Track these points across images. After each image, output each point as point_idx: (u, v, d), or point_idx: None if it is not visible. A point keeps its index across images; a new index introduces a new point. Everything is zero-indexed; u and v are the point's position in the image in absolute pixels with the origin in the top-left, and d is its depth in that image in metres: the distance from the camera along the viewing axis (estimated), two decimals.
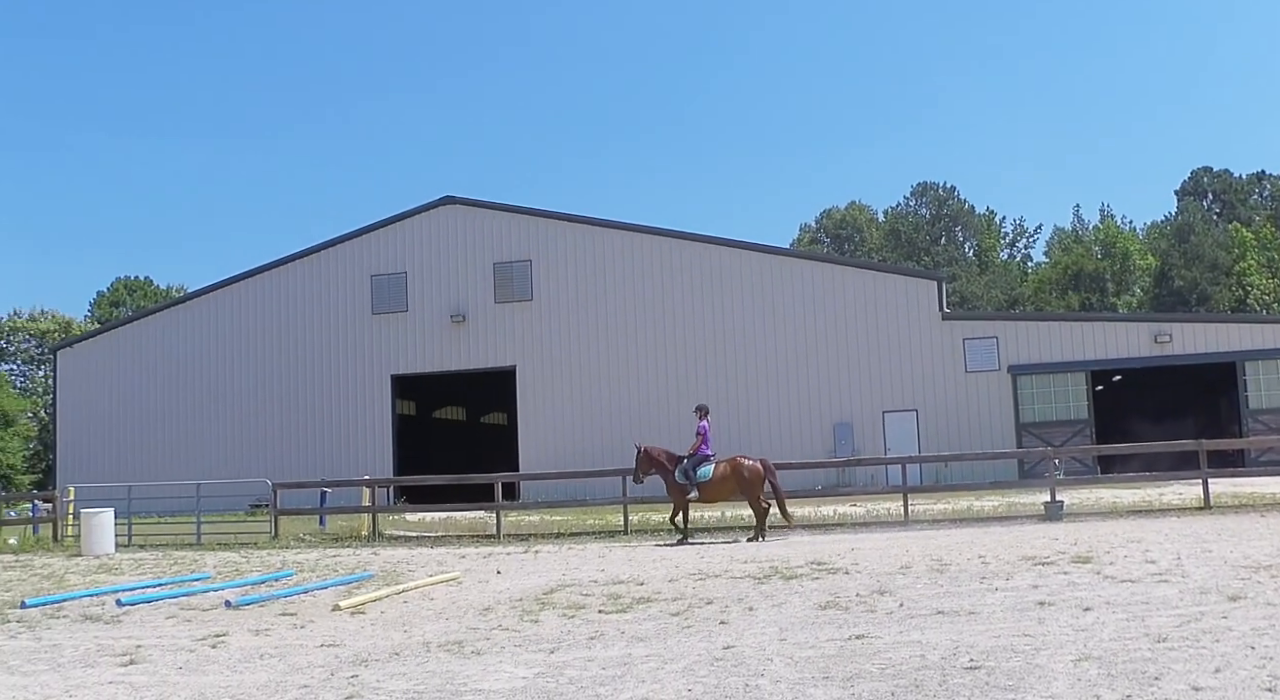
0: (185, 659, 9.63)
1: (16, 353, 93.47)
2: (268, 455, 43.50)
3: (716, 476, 20.46)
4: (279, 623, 11.60)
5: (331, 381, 44.93)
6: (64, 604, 14.05)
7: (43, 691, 8.40)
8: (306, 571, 17.25)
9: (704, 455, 20.80)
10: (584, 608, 11.76)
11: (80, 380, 47.94)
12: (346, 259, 45.57)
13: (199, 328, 46.83)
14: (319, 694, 7.89)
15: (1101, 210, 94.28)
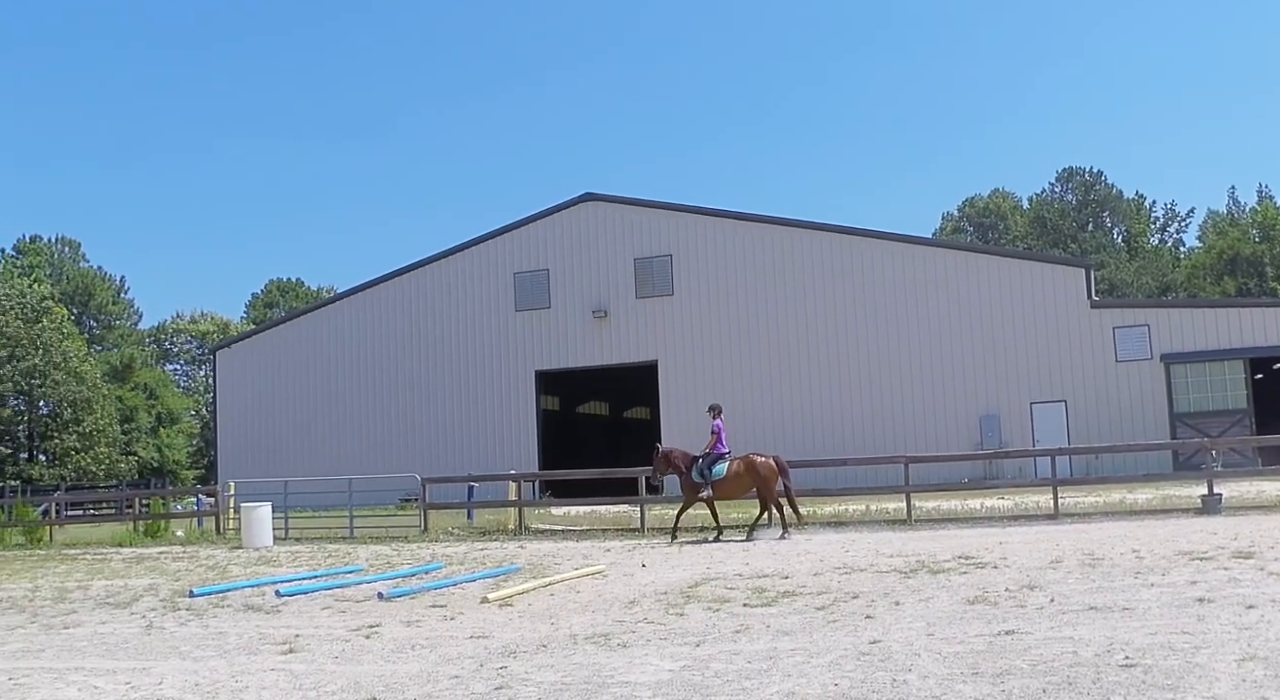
0: (341, 649, 9.90)
1: (179, 353, 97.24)
2: (416, 451, 44.43)
3: (730, 474, 20.74)
4: (429, 614, 11.85)
5: (477, 378, 45.68)
6: (228, 594, 14.56)
7: (211, 676, 8.73)
8: (455, 564, 17.59)
9: (719, 453, 21.07)
10: (728, 601, 11.77)
11: (238, 379, 49.60)
12: (490, 257, 46.26)
13: (348, 327, 48.04)
14: (469, 684, 8.04)
15: (1259, 191, 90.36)
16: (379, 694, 7.84)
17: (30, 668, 9.57)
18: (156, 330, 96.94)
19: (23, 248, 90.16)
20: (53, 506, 35.48)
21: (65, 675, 9.10)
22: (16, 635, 11.70)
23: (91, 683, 8.71)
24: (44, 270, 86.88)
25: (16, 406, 72.30)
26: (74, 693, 8.36)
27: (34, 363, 70.24)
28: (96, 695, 8.23)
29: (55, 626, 12.20)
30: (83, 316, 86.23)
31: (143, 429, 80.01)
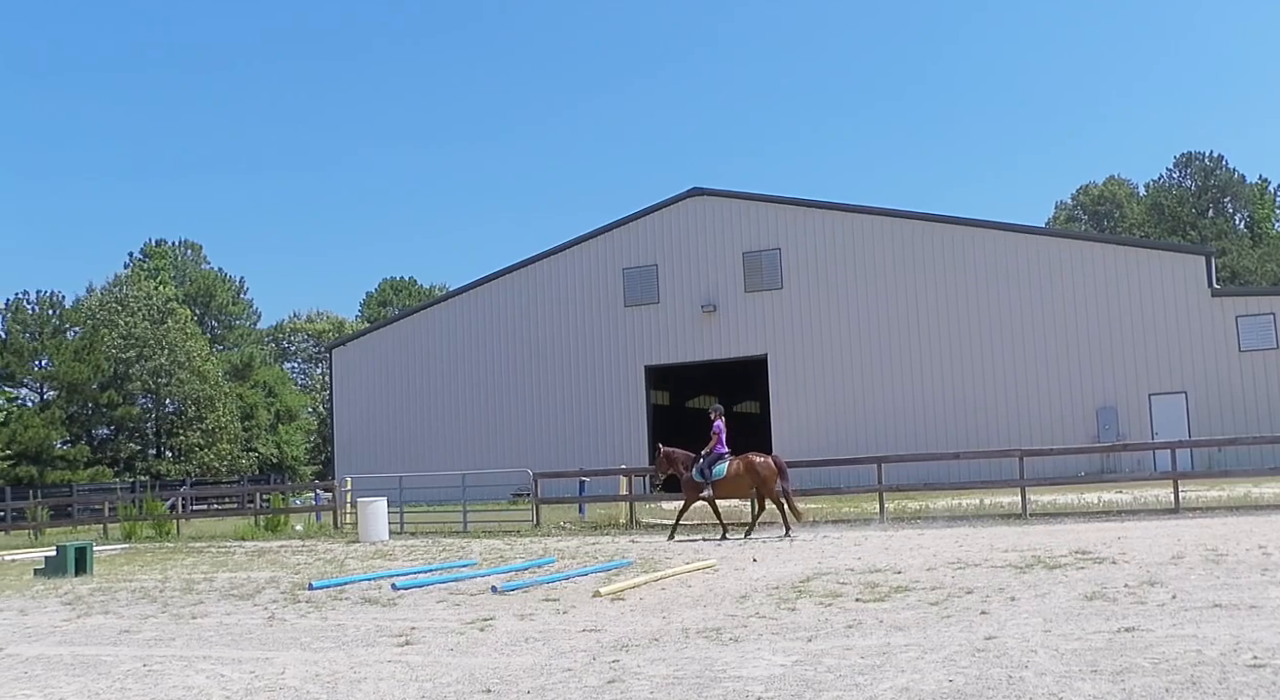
0: (456, 641, 10.05)
1: (296, 352, 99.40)
2: (528, 446, 44.87)
3: (730, 474, 21.01)
4: (542, 608, 11.97)
5: (587, 373, 45.97)
6: (346, 587, 14.86)
7: (330, 667, 8.94)
8: (567, 558, 17.73)
9: (719, 453, 21.34)
10: (841, 596, 11.71)
11: (353, 376, 50.55)
12: (599, 253, 46.51)
13: (460, 324, 48.67)
14: (582, 677, 8.12)
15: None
16: (493, 686, 7.95)
17: (162, 655, 9.89)
18: (275, 330, 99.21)
19: (149, 251, 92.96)
20: (179, 501, 36.61)
21: (194, 663, 9.40)
22: (149, 624, 12.09)
23: (219, 671, 8.98)
24: (169, 273, 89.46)
25: (144, 404, 74.64)
26: (202, 680, 8.62)
27: (160, 362, 72.41)
28: (223, 683, 8.47)
29: (184, 616, 12.58)
30: (205, 317, 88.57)
31: (262, 426, 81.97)
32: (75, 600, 14.88)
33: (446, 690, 7.89)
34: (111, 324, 73.58)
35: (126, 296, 76.41)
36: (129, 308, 74.78)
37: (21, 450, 66.14)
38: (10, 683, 8.94)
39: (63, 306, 75.10)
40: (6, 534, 36.43)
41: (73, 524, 37.04)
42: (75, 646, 10.78)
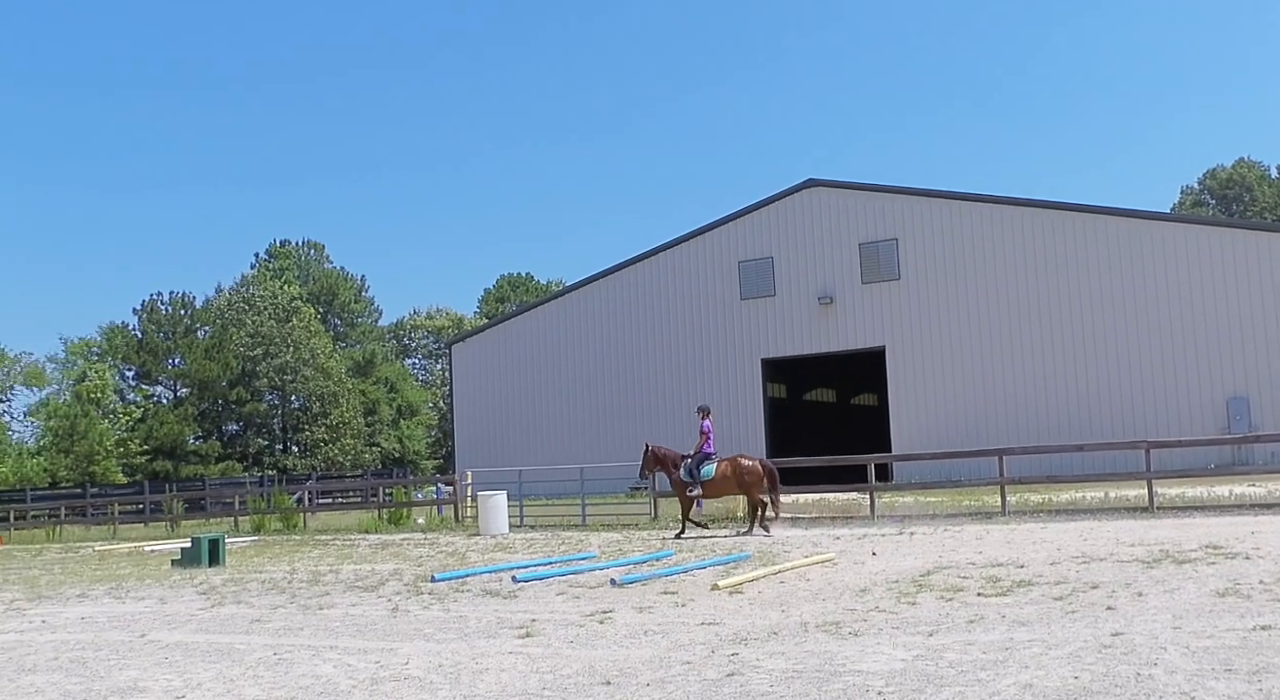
0: (575, 633, 10.14)
1: (417, 348, 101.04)
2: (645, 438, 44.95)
3: (718, 475, 21.29)
4: (661, 601, 12.02)
5: (704, 367, 45.98)
6: (467, 579, 15.07)
7: (454, 658, 9.09)
8: (685, 552, 17.77)
9: (706, 454, 21.55)
10: (962, 590, 11.55)
11: (473, 372, 51.24)
12: (714, 247, 46.46)
13: (577, 319, 49.02)
14: (701, 670, 8.14)
15: None
16: (613, 678, 8.01)
17: (292, 644, 10.16)
18: (395, 327, 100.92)
19: (274, 252, 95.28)
20: (305, 494, 37.44)
21: (322, 652, 9.63)
22: (279, 614, 12.42)
23: (345, 660, 9.19)
24: (293, 272, 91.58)
25: (271, 401, 76.56)
26: (330, 669, 8.84)
27: (286, 359, 74.21)
28: (350, 672, 8.67)
29: (311, 607, 12.90)
30: (328, 315, 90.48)
31: (384, 421, 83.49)
32: (209, 590, 15.34)
33: (567, 682, 7.98)
34: (239, 323, 75.60)
35: (253, 296, 78.44)
36: (256, 307, 76.77)
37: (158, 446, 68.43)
38: (152, 667, 9.27)
39: (194, 307, 77.41)
40: (145, 526, 37.67)
41: (206, 517, 38.15)
42: (210, 634, 11.13)
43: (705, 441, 21.87)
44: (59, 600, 15.29)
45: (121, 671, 9.19)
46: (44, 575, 20.13)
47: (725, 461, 21.52)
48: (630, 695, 7.41)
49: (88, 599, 15.23)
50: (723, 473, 21.29)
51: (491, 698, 7.57)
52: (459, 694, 7.73)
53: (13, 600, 15.58)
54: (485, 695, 7.65)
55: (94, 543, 31.65)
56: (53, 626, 12.49)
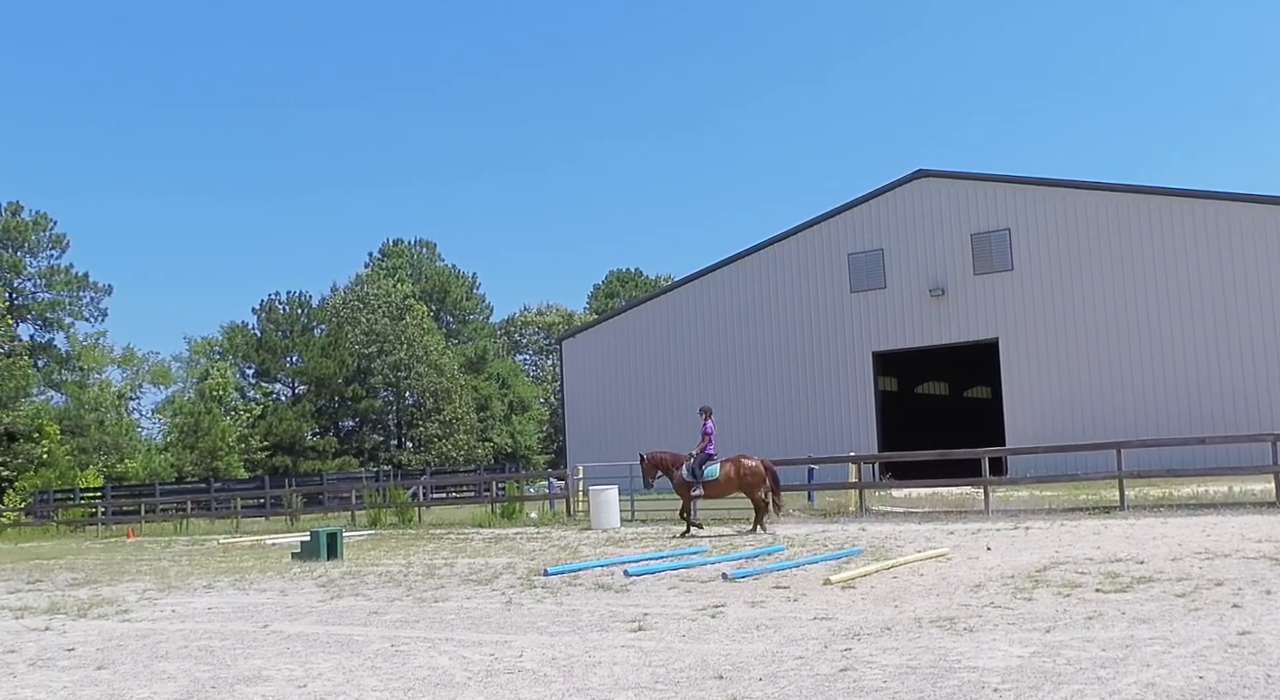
0: (687, 627, 10.16)
1: (528, 344, 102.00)
2: (755, 433, 44.85)
3: (722, 476, 21.59)
4: (773, 595, 11.99)
5: (814, 360, 45.70)
6: (579, 573, 15.18)
7: (566, 651, 9.18)
8: (797, 546, 17.69)
9: (709, 454, 21.84)
10: (1080, 586, 11.34)
11: (583, 367, 51.55)
12: (823, 239, 46.14)
13: (686, 314, 49.04)
14: (814, 665, 8.11)
15: None
16: (725, 672, 8.02)
17: (408, 636, 10.34)
18: (506, 323, 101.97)
19: (387, 251, 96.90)
20: (419, 489, 38.01)
21: (438, 645, 9.79)
22: (395, 607, 12.65)
23: (460, 653, 9.33)
24: (405, 271, 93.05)
25: (386, 398, 77.92)
26: (445, 661, 8.98)
27: (400, 357, 75.45)
28: (465, 664, 8.80)
29: (427, 600, 13.11)
30: (440, 312, 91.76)
31: (496, 417, 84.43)
32: (328, 583, 15.68)
33: (679, 675, 8.00)
34: (354, 321, 77.04)
35: (367, 294, 79.86)
36: (370, 305, 78.15)
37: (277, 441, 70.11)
38: (275, 657, 9.52)
39: (310, 306, 79.11)
40: (266, 519, 38.61)
41: (323, 511, 38.96)
42: (330, 626, 11.37)
43: (708, 442, 22.12)
44: (187, 591, 15.76)
45: (246, 660, 9.45)
46: (173, 567, 20.76)
47: (728, 462, 21.83)
48: (743, 690, 7.41)
49: (213, 590, 15.68)
50: (726, 473, 21.62)
51: (604, 691, 7.63)
52: (572, 687, 7.80)
53: (145, 590, 16.10)
54: (598, 688, 7.72)
55: (218, 536, 32.53)
56: (182, 616, 12.88)
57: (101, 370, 74.50)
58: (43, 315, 72.93)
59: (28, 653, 10.57)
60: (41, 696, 8.41)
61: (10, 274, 71.54)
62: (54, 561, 24.90)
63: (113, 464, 65.55)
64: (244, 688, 8.30)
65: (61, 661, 9.95)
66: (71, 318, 73.95)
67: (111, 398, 71.59)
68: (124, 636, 11.34)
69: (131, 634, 11.52)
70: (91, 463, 63.97)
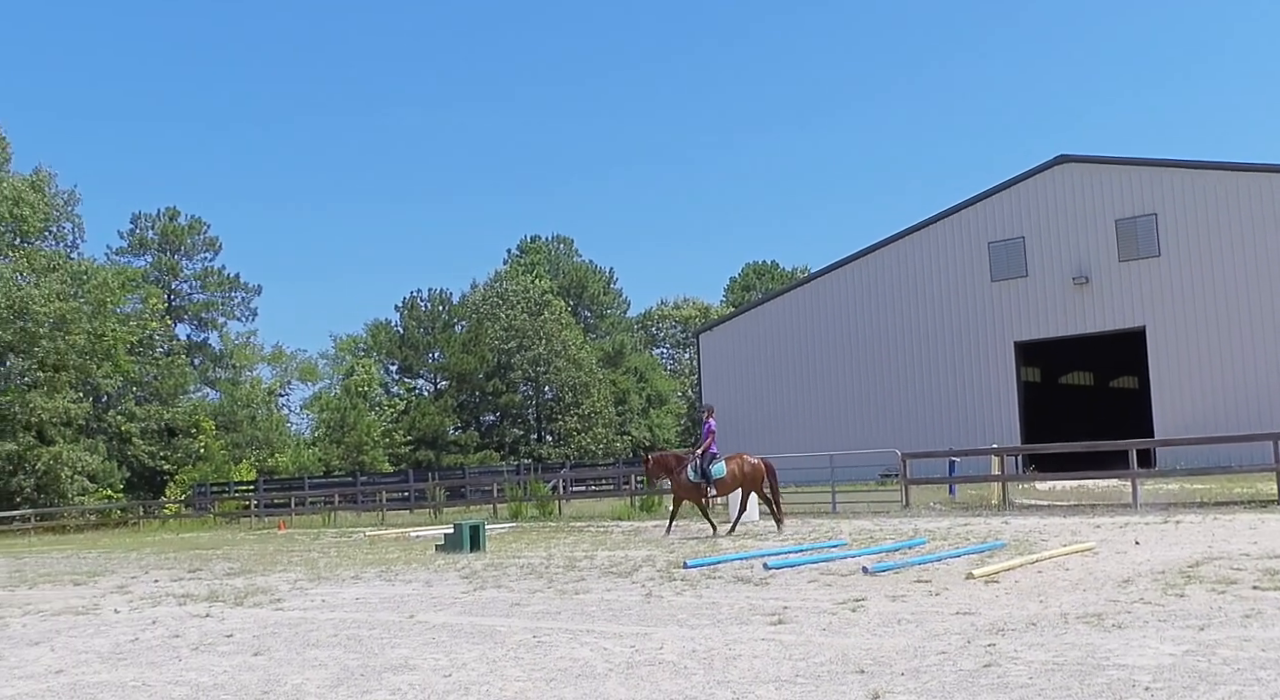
0: (827, 621, 10.10)
1: (665, 338, 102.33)
2: (894, 425, 44.41)
3: (730, 474, 21.70)
4: (914, 589, 11.85)
5: (954, 351, 45.00)
6: (719, 566, 15.20)
7: (706, 644, 9.21)
8: (938, 539, 17.46)
9: (713, 453, 21.88)
10: (1235, 583, 10.97)
11: (720, 360, 51.55)
12: (962, 228, 45.38)
13: (823, 305, 48.69)
14: (957, 661, 8.00)
15: None
16: (866, 666, 7.96)
17: (550, 628, 10.49)
18: (643, 317, 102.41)
19: (525, 247, 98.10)
20: (559, 482, 38.46)
21: (579, 636, 9.91)
22: (537, 598, 12.83)
23: (601, 645, 9.43)
24: (544, 267, 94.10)
25: (525, 392, 78.93)
26: (587, 652, 9.09)
27: (539, 351, 76.36)
28: (606, 656, 8.89)
29: (568, 592, 13.26)
30: (578, 307, 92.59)
31: (634, 410, 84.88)
32: (471, 574, 15.97)
33: (820, 669, 7.97)
34: (494, 317, 78.18)
35: (506, 291, 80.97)
36: (509, 301, 79.22)
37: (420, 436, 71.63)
38: (421, 646, 9.75)
39: (450, 303, 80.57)
40: (410, 513, 39.46)
41: (466, 504, 39.63)
42: (473, 616, 11.59)
43: (711, 441, 22.14)
44: (335, 581, 16.21)
45: (393, 649, 9.69)
46: (322, 558, 21.37)
47: (732, 460, 22.00)
48: (884, 684, 7.36)
49: (361, 581, 16.09)
50: (732, 472, 21.75)
51: (745, 684, 7.64)
52: (712, 679, 7.83)
53: (296, 580, 16.62)
54: (738, 681, 7.73)
55: (364, 528, 33.38)
56: (331, 605, 13.26)
57: (253, 368, 77.12)
58: (198, 315, 75.72)
59: (190, 638, 11.01)
60: (204, 679, 8.75)
61: (168, 276, 74.40)
62: (212, 551, 25.86)
63: (264, 458, 67.80)
64: (391, 676, 8.51)
65: (221, 647, 10.35)
66: (224, 317, 76.73)
67: (262, 394, 74.00)
68: (277, 624, 11.72)
69: (284, 622, 11.90)
70: (244, 457, 66.27)
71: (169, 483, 61.00)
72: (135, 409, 61.38)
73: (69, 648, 10.89)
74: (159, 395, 63.32)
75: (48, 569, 23.29)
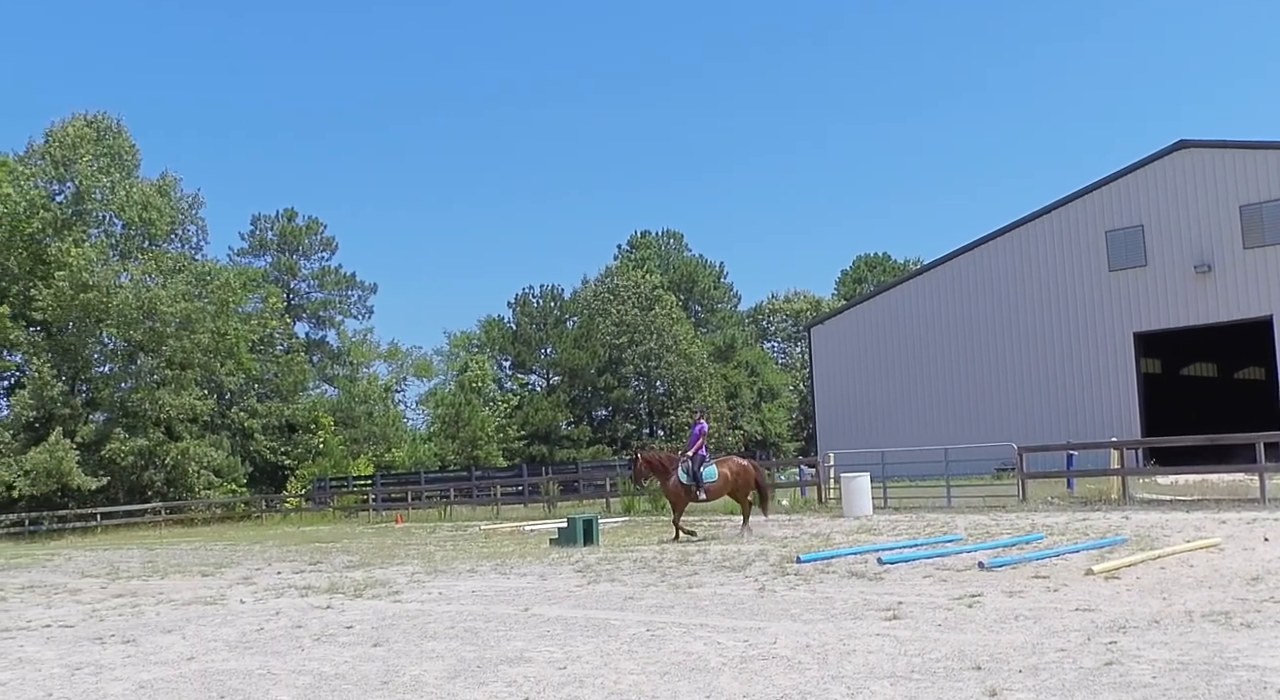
0: (943, 617, 10.01)
1: (775, 332, 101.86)
2: (1009, 418, 43.66)
3: (720, 477, 21.42)
4: (1032, 585, 11.69)
5: (1071, 342, 44.10)
6: (832, 561, 15.14)
7: (820, 638, 9.19)
8: (1056, 535, 17.18)
9: (703, 456, 21.53)
10: None
11: (832, 353, 51.19)
12: (1079, 217, 44.44)
13: (936, 297, 48.05)
14: (1077, 658, 7.88)
15: None
16: (983, 663, 7.88)
17: (663, 622, 10.56)
18: (754, 311, 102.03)
19: (635, 243, 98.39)
20: None
21: (692, 630, 9.96)
22: (650, 592, 12.92)
23: (715, 638, 9.47)
24: (653, 262, 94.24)
25: (637, 387, 79.19)
26: (700, 646, 9.13)
27: (650, 346, 76.53)
28: (720, 650, 8.93)
29: (681, 586, 13.32)
30: (688, 302, 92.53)
31: (746, 404, 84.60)
32: (585, 568, 16.12)
33: (935, 665, 7.91)
34: (605, 312, 78.52)
35: (617, 286, 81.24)
36: (620, 297, 79.49)
37: (533, 431, 72.34)
38: (536, 639, 9.88)
39: (562, 299, 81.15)
40: (524, 506, 39.87)
41: (579, 498, 39.94)
42: (587, 610, 11.71)
43: (702, 444, 21.81)
44: (452, 574, 16.49)
45: (509, 642, 9.84)
46: (438, 551, 21.73)
47: (722, 464, 21.80)
48: (1002, 681, 7.27)
49: (476, 574, 16.34)
50: (723, 475, 21.53)
51: (859, 679, 7.61)
52: (827, 674, 7.81)
53: (414, 573, 16.94)
54: (853, 676, 7.70)
55: (479, 522, 33.83)
56: (448, 598, 13.49)
57: (369, 365, 78.56)
58: (316, 314, 77.35)
59: (312, 629, 11.31)
60: (326, 669, 8.98)
61: (287, 276, 76.14)
62: (331, 544, 26.46)
63: (381, 453, 69.08)
64: (507, 668, 8.64)
65: (341, 637, 10.61)
66: (341, 316, 78.25)
67: (379, 390, 75.38)
68: (396, 616, 11.97)
69: (402, 614, 12.15)
70: (362, 452, 67.60)
71: (290, 477, 62.45)
72: (257, 405, 62.89)
73: (199, 636, 11.27)
74: (279, 392, 64.83)
75: (177, 560, 24.06)
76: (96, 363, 55.84)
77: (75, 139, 53.83)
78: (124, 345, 54.22)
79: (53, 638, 11.85)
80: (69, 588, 18.34)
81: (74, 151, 53.49)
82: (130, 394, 53.00)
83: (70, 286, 50.17)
